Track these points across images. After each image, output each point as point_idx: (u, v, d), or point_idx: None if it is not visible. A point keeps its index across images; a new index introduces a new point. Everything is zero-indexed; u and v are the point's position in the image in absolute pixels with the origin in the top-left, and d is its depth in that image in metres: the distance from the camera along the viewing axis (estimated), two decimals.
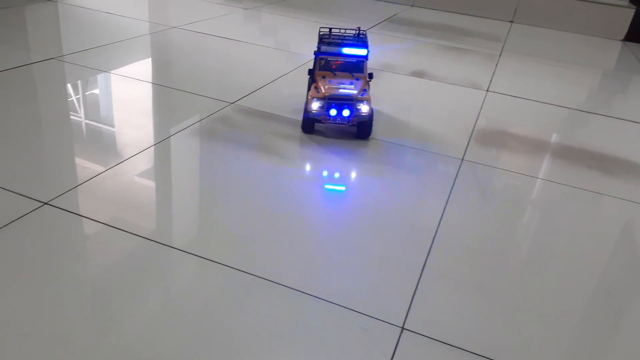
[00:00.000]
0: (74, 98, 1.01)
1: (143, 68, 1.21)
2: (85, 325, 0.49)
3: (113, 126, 0.92)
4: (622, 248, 0.71)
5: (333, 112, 0.89)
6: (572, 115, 1.21)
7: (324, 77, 0.94)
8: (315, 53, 0.94)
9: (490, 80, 1.39)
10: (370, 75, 0.96)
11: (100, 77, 1.13)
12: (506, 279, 0.62)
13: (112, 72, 1.15)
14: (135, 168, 0.77)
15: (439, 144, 0.96)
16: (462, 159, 0.91)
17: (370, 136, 0.94)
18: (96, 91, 1.07)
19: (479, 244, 0.68)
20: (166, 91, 1.08)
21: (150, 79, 1.14)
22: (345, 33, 0.98)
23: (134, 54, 1.31)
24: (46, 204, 0.66)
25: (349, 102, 0.89)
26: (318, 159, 0.86)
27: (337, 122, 0.91)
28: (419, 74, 1.39)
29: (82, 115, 0.94)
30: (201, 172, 0.80)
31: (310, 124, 0.93)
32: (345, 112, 0.89)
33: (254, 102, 1.06)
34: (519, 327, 0.55)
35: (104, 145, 0.85)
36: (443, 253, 0.65)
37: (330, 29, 0.98)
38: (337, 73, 0.94)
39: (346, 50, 0.93)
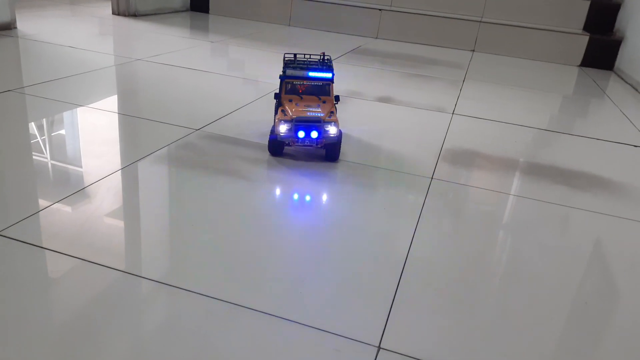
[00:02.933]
0: (33, 128, 0.98)
1: (107, 99, 1.18)
2: None
3: (74, 155, 0.89)
4: (595, 258, 0.71)
5: (301, 134, 0.88)
6: (536, 134, 1.23)
7: (290, 100, 0.93)
8: (280, 77, 0.94)
9: (455, 104, 1.41)
10: (337, 98, 0.96)
11: (62, 107, 1.10)
12: (481, 294, 0.61)
13: (74, 102, 1.12)
14: (96, 195, 0.74)
15: (408, 164, 0.96)
16: (432, 178, 0.90)
17: (340, 158, 0.93)
18: (57, 121, 1.04)
19: (452, 260, 0.67)
20: (131, 120, 1.06)
21: (114, 109, 1.11)
22: (310, 58, 0.98)
23: (98, 85, 1.28)
24: None
25: (316, 123, 0.88)
26: (287, 182, 0.84)
27: (306, 144, 0.90)
28: (385, 99, 1.40)
29: (42, 144, 0.91)
30: (167, 197, 0.77)
31: (278, 146, 0.92)
32: (314, 134, 0.88)
33: (220, 128, 1.04)
34: (497, 341, 0.53)
35: (63, 173, 0.82)
36: (416, 271, 0.64)
37: (295, 54, 0.98)
38: (303, 96, 0.94)
39: (312, 74, 0.93)
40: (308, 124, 0.88)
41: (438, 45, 2.38)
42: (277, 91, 0.96)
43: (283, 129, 0.89)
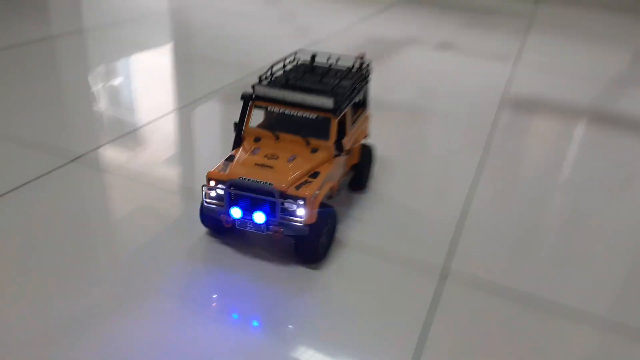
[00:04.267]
0: (97, 67, 1.01)
1: (165, 40, 1.20)
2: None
3: (137, 92, 0.92)
4: None
5: (236, 212, 0.49)
6: (604, 86, 1.17)
7: (257, 139, 0.54)
8: (242, 97, 0.55)
9: (518, 53, 1.35)
10: (339, 147, 0.53)
11: (123, 48, 1.12)
12: (545, 232, 0.60)
13: (135, 43, 1.15)
14: (161, 129, 0.77)
15: (469, 111, 0.93)
16: (492, 124, 0.88)
17: (388, 109, 0.92)
18: (119, 61, 1.07)
19: (516, 200, 0.66)
20: (190, 61, 1.07)
21: (173, 50, 1.13)
22: (336, 64, 0.61)
23: (156, 28, 1.30)
24: (73, 161, 0.65)
25: (267, 197, 0.48)
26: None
27: (249, 228, 0.49)
28: (445, 46, 1.36)
29: (106, 82, 0.94)
30: (225, 132, 0.79)
31: (214, 219, 0.52)
32: (258, 217, 0.48)
33: None
34: (560, 267, 0.53)
35: (129, 108, 0.85)
36: (482, 202, 0.63)
37: (313, 56, 0.60)
38: (280, 135, 0.53)
39: (295, 98, 0.53)
40: (252, 196, 0.48)
41: None
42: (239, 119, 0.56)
43: (211, 195, 0.50)
